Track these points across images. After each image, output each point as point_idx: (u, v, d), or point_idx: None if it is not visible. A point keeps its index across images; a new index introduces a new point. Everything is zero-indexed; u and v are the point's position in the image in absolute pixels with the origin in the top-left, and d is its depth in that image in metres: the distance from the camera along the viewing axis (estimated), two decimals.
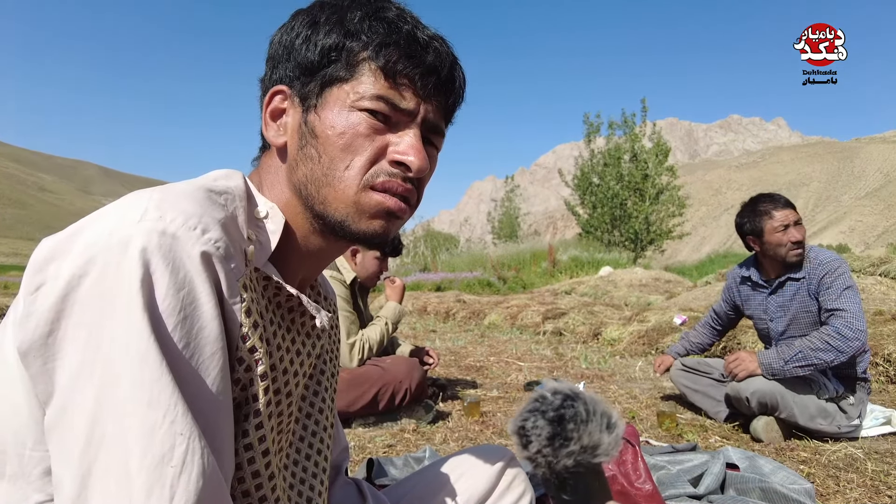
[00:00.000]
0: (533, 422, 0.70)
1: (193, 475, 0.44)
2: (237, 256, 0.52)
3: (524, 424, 0.70)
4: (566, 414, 0.68)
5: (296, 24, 0.62)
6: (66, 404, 0.44)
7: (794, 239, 2.17)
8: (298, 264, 0.65)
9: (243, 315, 0.52)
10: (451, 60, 0.63)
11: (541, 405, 0.71)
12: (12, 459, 0.50)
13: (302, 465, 0.69)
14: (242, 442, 0.55)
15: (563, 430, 0.67)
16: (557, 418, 0.68)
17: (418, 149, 0.60)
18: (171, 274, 0.46)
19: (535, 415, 0.71)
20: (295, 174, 0.61)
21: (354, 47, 0.59)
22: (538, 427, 0.69)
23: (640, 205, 17.97)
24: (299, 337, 0.66)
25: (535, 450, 0.69)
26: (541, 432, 0.68)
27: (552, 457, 0.68)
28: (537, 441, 0.69)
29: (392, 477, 1.75)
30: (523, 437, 0.71)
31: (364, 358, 2.43)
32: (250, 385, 0.55)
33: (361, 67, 0.59)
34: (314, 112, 0.60)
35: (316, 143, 0.59)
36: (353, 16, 0.60)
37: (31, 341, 0.44)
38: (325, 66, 0.60)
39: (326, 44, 0.59)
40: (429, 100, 0.62)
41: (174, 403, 0.44)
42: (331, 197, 0.60)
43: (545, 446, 0.68)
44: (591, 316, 5.67)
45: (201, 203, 0.51)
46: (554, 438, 0.68)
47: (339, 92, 0.60)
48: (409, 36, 0.60)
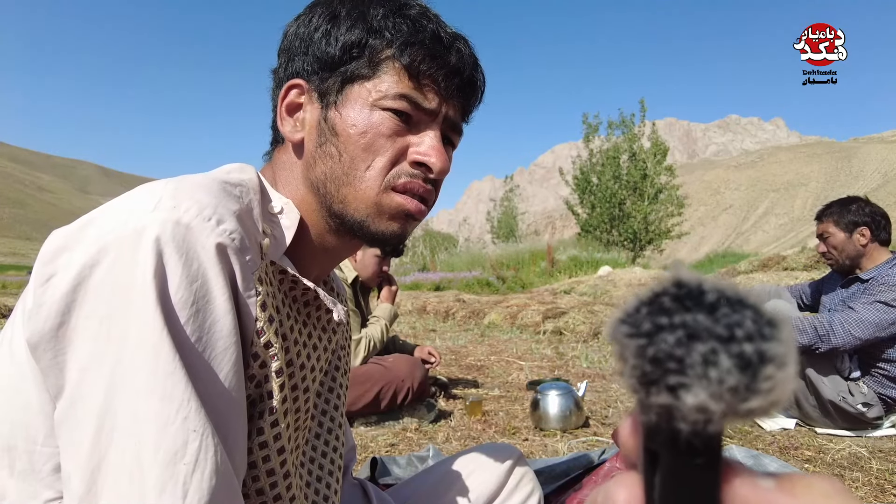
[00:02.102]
0: (703, 350, 0.21)
1: (207, 473, 0.43)
2: (252, 249, 0.51)
3: (670, 349, 0.21)
4: (767, 351, 0.21)
5: (314, 16, 0.61)
6: (76, 398, 0.43)
7: (821, 250, 2.42)
8: (312, 260, 0.64)
9: (258, 309, 0.51)
10: (473, 61, 0.63)
11: (714, 322, 0.21)
12: (22, 456, 0.49)
13: (318, 463, 0.68)
14: (257, 440, 0.54)
15: (755, 377, 0.21)
16: (755, 356, 0.21)
17: (439, 150, 0.60)
18: (184, 265, 0.45)
19: (704, 338, 0.21)
20: (312, 171, 0.60)
21: (377, 45, 0.58)
22: (713, 362, 0.21)
23: (638, 204, 17.99)
24: (315, 331, 0.66)
25: (696, 399, 0.21)
26: (717, 373, 0.21)
27: (713, 411, 0.22)
28: (700, 384, 0.21)
29: (396, 476, 1.74)
30: (661, 366, 0.21)
31: (368, 355, 2.43)
32: (265, 382, 0.54)
33: (385, 65, 0.58)
34: (334, 109, 0.59)
35: (336, 140, 0.59)
36: (376, 12, 0.59)
37: (41, 333, 0.43)
38: (346, 62, 0.59)
39: (349, 40, 0.58)
40: (450, 100, 0.62)
41: (187, 399, 0.43)
42: (351, 196, 0.59)
43: (714, 395, 0.22)
44: (591, 315, 5.66)
45: (216, 194, 0.50)
46: (738, 388, 0.22)
47: (360, 89, 0.59)
48: (434, 35, 0.59)
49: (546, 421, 2.31)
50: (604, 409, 2.67)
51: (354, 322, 2.45)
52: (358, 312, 2.52)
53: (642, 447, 0.20)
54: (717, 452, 0.19)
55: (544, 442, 2.19)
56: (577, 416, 2.33)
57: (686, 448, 0.19)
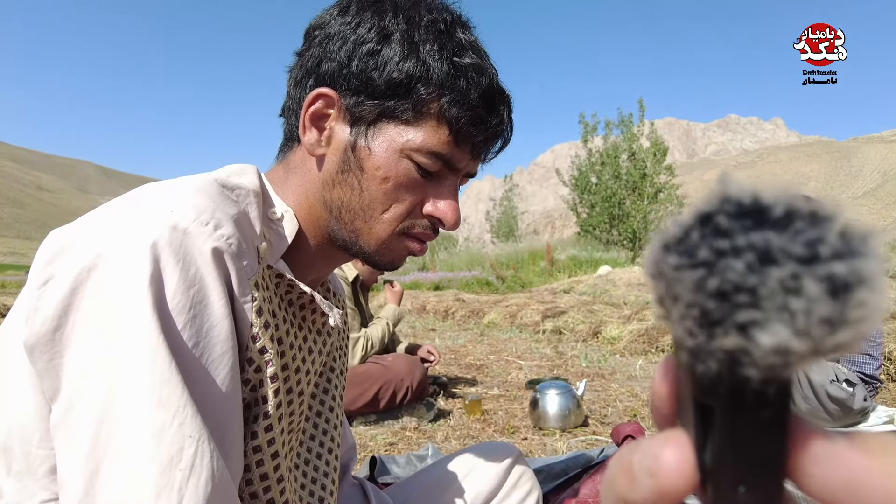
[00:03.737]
0: (781, 275, 0.14)
1: (202, 479, 0.43)
2: (249, 253, 0.51)
3: (740, 278, 0.14)
4: (860, 271, 0.14)
5: (362, 21, 0.57)
6: (72, 402, 0.43)
7: None
8: (309, 265, 0.64)
9: (254, 314, 0.51)
10: (511, 125, 0.62)
11: (790, 240, 0.14)
12: (18, 457, 0.49)
13: (313, 465, 0.68)
14: (251, 444, 0.54)
15: (847, 303, 0.14)
16: (849, 278, 0.14)
17: (455, 208, 0.61)
18: (181, 270, 0.45)
19: (780, 261, 0.14)
20: (330, 192, 0.60)
21: (424, 95, 0.56)
22: (796, 290, 0.14)
23: (638, 204, 18.00)
24: (311, 335, 0.66)
25: (776, 338, 0.14)
26: (802, 302, 0.14)
27: (795, 351, 0.15)
28: (781, 318, 0.14)
29: (395, 475, 1.74)
30: (728, 300, 0.15)
31: (366, 354, 2.43)
32: (260, 386, 0.54)
33: (427, 118, 0.57)
34: (364, 140, 0.58)
35: (360, 175, 0.58)
36: (430, 48, 0.56)
37: (37, 336, 0.43)
38: (388, 98, 0.56)
39: (397, 78, 0.56)
40: (477, 158, 0.62)
41: (183, 405, 0.43)
42: (363, 231, 0.59)
43: (799, 331, 0.14)
44: (591, 315, 5.66)
45: (213, 198, 0.50)
46: (829, 319, 0.14)
47: (395, 130, 0.57)
48: (483, 95, 0.58)
49: (545, 420, 2.32)
50: (603, 408, 2.67)
51: (353, 320, 2.45)
52: (357, 311, 2.52)
53: (692, 401, 0.16)
54: (788, 404, 0.15)
55: (543, 441, 2.19)
56: (576, 416, 2.33)
57: (754, 400, 0.15)
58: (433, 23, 0.57)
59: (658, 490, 0.16)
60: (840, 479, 0.15)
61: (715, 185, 0.16)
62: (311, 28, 0.61)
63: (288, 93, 0.63)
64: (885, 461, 0.15)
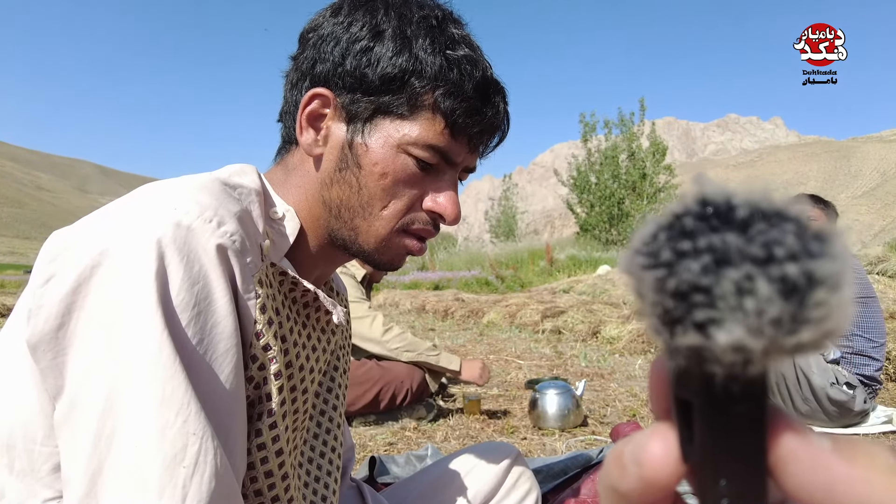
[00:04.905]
0: (735, 276, 0.15)
1: (206, 476, 0.43)
2: (253, 250, 0.51)
3: (695, 278, 0.15)
4: (816, 271, 0.15)
5: (354, 20, 0.58)
6: (76, 400, 0.43)
7: None
8: (311, 265, 0.64)
9: (258, 311, 0.52)
10: (506, 117, 0.63)
11: (747, 242, 0.15)
12: (21, 455, 0.49)
13: (317, 463, 0.69)
14: (255, 441, 0.54)
15: (803, 303, 0.15)
16: (801, 278, 0.15)
17: (455, 201, 0.61)
18: (185, 267, 0.45)
19: (735, 262, 0.15)
20: (328, 191, 0.60)
21: (419, 87, 0.56)
22: (749, 290, 0.15)
23: (637, 204, 18.01)
24: (315, 333, 0.66)
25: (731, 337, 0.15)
26: (754, 302, 0.15)
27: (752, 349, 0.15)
28: (734, 317, 0.15)
29: (394, 475, 1.74)
30: (685, 300, 0.16)
31: (390, 338, 2.39)
32: (264, 383, 0.54)
33: (422, 110, 0.57)
34: (361, 137, 0.58)
35: (358, 172, 0.58)
36: (423, 43, 0.57)
37: (41, 334, 0.43)
38: (383, 93, 0.57)
39: (390, 73, 0.56)
40: (475, 151, 0.62)
41: (187, 402, 0.43)
42: (363, 229, 0.60)
43: (753, 329, 0.15)
44: (590, 314, 5.67)
45: (216, 195, 0.50)
46: (782, 318, 0.15)
47: (391, 125, 0.57)
48: (477, 86, 0.58)
49: (544, 420, 2.32)
50: (602, 408, 2.67)
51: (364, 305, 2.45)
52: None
53: (672, 396, 0.17)
54: (760, 400, 0.16)
55: (542, 441, 2.20)
56: (576, 415, 2.33)
57: (723, 395, 0.16)
58: (425, 18, 0.58)
59: (643, 479, 0.17)
60: (819, 482, 0.15)
61: (689, 185, 0.17)
62: (305, 31, 0.61)
63: (284, 97, 0.63)
64: (867, 471, 0.15)
